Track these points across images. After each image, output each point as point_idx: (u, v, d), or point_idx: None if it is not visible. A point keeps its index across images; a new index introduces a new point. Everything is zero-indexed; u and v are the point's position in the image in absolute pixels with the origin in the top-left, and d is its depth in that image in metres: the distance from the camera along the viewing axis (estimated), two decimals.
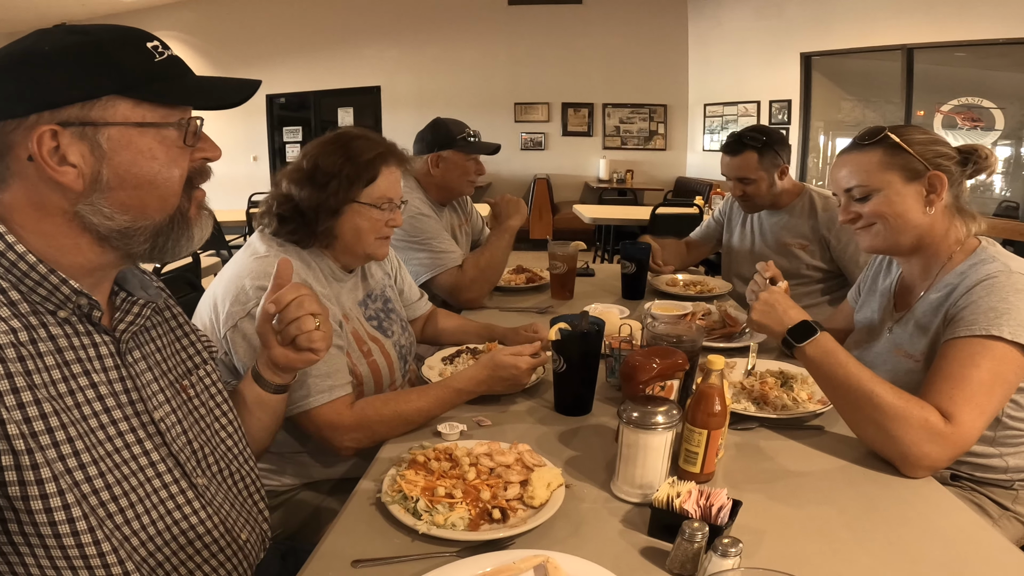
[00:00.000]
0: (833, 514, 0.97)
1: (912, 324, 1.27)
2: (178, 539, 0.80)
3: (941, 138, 1.26)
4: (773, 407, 1.28)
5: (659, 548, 0.88)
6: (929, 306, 1.23)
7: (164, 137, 0.75)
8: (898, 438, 1.05)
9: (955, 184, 1.23)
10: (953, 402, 1.05)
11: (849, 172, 1.28)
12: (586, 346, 1.26)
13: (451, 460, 1.03)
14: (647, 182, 8.30)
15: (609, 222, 5.58)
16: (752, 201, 2.28)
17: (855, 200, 1.28)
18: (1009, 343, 1.07)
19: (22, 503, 0.65)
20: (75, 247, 0.74)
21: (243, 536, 0.90)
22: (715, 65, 7.87)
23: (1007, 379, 1.08)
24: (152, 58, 0.74)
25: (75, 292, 0.72)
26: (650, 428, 0.95)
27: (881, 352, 1.35)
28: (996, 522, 1.22)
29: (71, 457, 0.69)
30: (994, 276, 1.13)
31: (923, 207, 1.22)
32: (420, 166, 2.23)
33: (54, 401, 0.68)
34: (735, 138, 2.24)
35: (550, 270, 2.19)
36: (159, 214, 0.76)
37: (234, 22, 8.33)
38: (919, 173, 1.22)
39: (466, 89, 8.31)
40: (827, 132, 6.77)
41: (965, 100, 5.39)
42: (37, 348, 0.69)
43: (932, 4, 5.33)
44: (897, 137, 1.23)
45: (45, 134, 0.68)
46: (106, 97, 0.70)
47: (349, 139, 1.33)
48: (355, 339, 1.37)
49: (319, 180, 1.29)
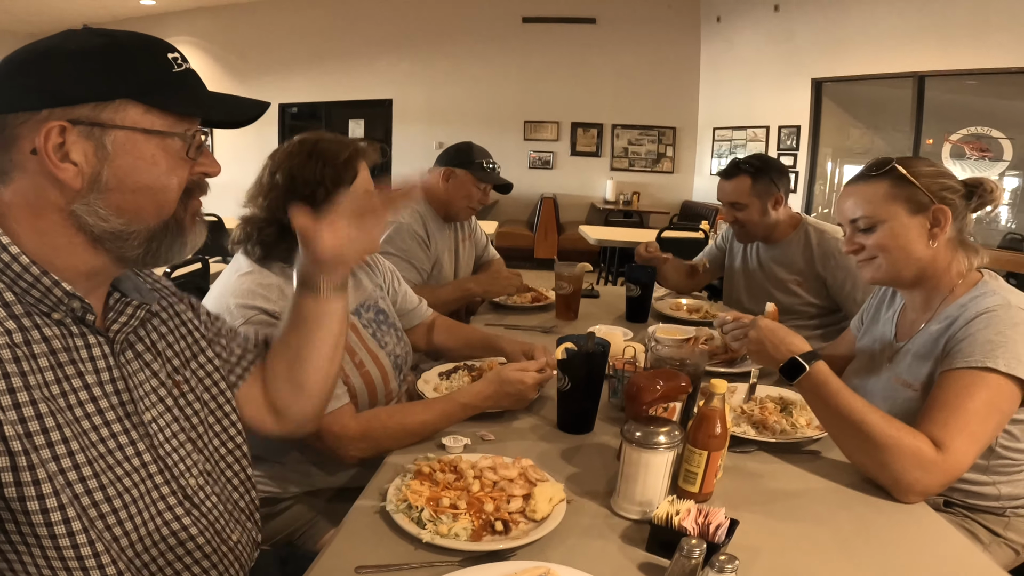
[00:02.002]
0: (827, 535, 0.99)
1: (912, 355, 1.29)
2: (167, 540, 0.80)
3: (947, 171, 1.28)
4: (772, 432, 1.30)
5: (656, 564, 0.90)
6: (929, 337, 1.25)
7: (168, 146, 0.76)
8: (889, 465, 1.07)
9: (959, 217, 1.25)
10: (946, 431, 1.08)
11: (855, 203, 1.30)
12: (591, 366, 1.29)
13: (456, 472, 1.05)
14: (653, 205, 8.33)
15: (614, 244, 5.60)
16: (745, 229, 2.26)
17: (860, 231, 1.30)
18: (1004, 375, 1.09)
19: (18, 504, 0.66)
20: (70, 247, 0.74)
21: (234, 537, 0.90)
22: (725, 89, 7.92)
23: (1001, 409, 1.11)
24: (170, 68, 0.76)
25: (67, 295, 0.73)
26: (652, 448, 0.98)
27: (880, 381, 1.37)
28: (987, 548, 1.24)
29: (65, 458, 0.69)
30: (993, 310, 1.15)
31: (927, 240, 1.24)
32: (432, 178, 2.27)
33: (49, 402, 0.69)
34: (732, 163, 2.25)
35: (556, 290, 2.21)
36: (154, 220, 0.77)
37: (250, 30, 8.44)
38: (924, 206, 1.23)
39: (477, 105, 8.39)
40: (835, 159, 6.79)
41: (974, 130, 5.41)
42: (32, 350, 0.69)
43: (944, 31, 5.35)
44: (904, 169, 1.25)
45: (53, 129, 0.69)
46: (119, 100, 0.72)
47: (315, 144, 1.28)
48: (347, 350, 1.36)
49: (302, 191, 1.23)
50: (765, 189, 2.18)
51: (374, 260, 1.64)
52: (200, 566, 0.84)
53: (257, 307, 1.21)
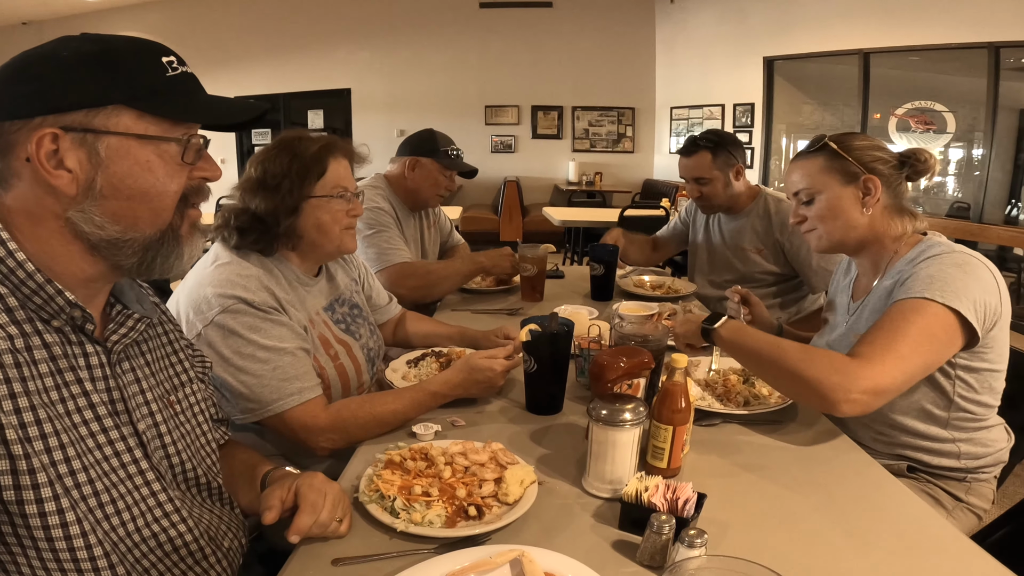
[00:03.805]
0: (792, 506, 1.02)
1: (868, 310, 1.36)
2: (163, 546, 0.81)
3: (880, 144, 1.36)
4: (736, 403, 1.33)
5: (629, 541, 0.91)
6: (882, 292, 1.31)
7: (163, 151, 0.75)
8: (809, 380, 1.11)
9: (892, 186, 1.33)
10: (871, 347, 1.13)
11: (798, 177, 1.39)
12: (556, 346, 1.29)
13: (426, 460, 1.05)
14: (615, 184, 8.41)
15: (578, 224, 5.65)
16: (709, 201, 2.34)
17: (802, 203, 1.40)
18: (941, 305, 1.14)
19: (16, 507, 0.66)
20: (67, 254, 0.74)
21: (226, 543, 0.92)
22: (681, 69, 8.03)
23: (935, 336, 1.14)
24: (164, 72, 0.74)
25: (69, 304, 0.73)
26: (619, 425, 0.99)
27: (840, 338, 1.43)
28: (950, 513, 1.29)
29: (63, 463, 0.70)
30: (937, 255, 1.22)
31: (860, 208, 1.33)
32: (397, 167, 2.26)
33: (47, 408, 0.69)
34: (690, 140, 2.31)
35: (520, 272, 2.22)
36: (150, 228, 0.76)
37: (200, 23, 8.17)
38: (855, 176, 1.32)
39: (437, 92, 8.32)
40: (789, 135, 6.95)
41: (919, 104, 5.59)
42: (32, 355, 0.70)
43: (888, 10, 5.51)
44: (836, 145, 1.34)
45: (46, 137, 0.69)
46: (112, 106, 0.71)
47: (292, 140, 1.35)
48: (321, 342, 1.38)
49: (270, 184, 1.30)
50: (726, 161, 2.26)
51: (350, 255, 1.64)
52: (194, 572, 0.86)
53: (236, 296, 1.21)
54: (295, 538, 0.85)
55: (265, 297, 1.24)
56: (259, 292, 1.24)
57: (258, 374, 1.19)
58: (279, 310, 1.26)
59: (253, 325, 1.20)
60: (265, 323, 1.22)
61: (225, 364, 1.19)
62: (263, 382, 1.19)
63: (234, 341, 1.19)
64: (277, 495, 0.90)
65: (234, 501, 0.99)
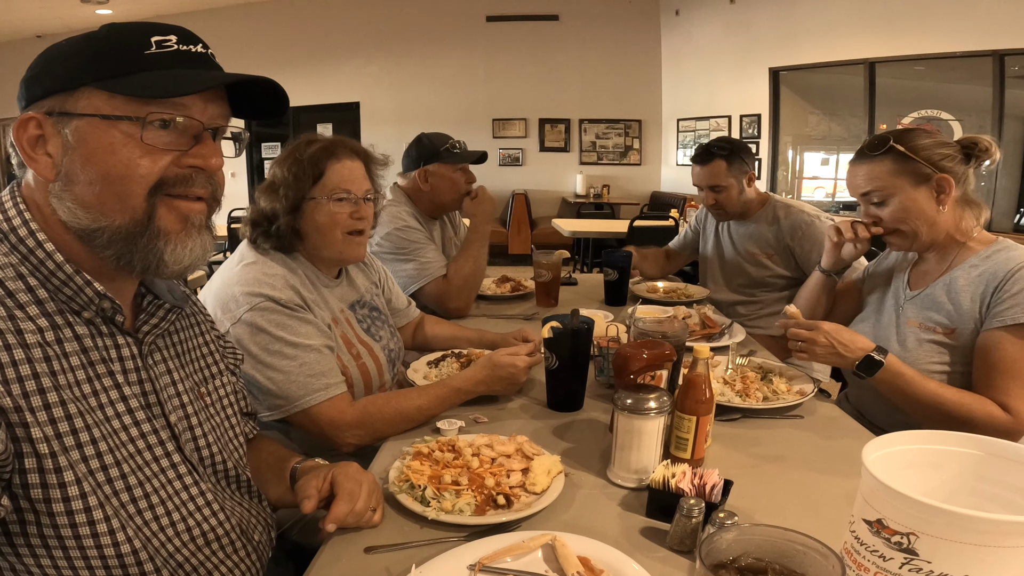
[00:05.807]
0: (816, 495, 1.02)
1: (931, 300, 1.37)
2: (196, 540, 0.81)
3: (943, 139, 1.36)
4: (755, 399, 1.34)
5: (657, 528, 0.92)
6: (950, 284, 1.33)
7: (128, 133, 0.70)
8: None
9: (961, 181, 1.34)
10: (1009, 396, 1.19)
11: (864, 180, 1.39)
12: (577, 342, 1.31)
13: (454, 451, 1.07)
14: (623, 196, 8.44)
15: (588, 235, 5.68)
16: (724, 208, 2.36)
17: (873, 204, 1.40)
18: None
19: (43, 505, 0.66)
20: (70, 244, 0.72)
21: (256, 537, 0.92)
22: (687, 81, 8.07)
23: None
24: (143, 49, 0.70)
25: (99, 295, 0.72)
26: (644, 414, 1.01)
27: (894, 325, 1.45)
28: None
29: (95, 458, 0.69)
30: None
31: (936, 207, 1.34)
32: (410, 182, 2.24)
33: (79, 402, 0.69)
34: (703, 149, 2.34)
35: (535, 278, 2.24)
36: (119, 216, 0.71)
37: (211, 37, 8.14)
38: (927, 177, 1.32)
39: (444, 105, 8.40)
40: (795, 146, 6.96)
41: (925, 112, 5.60)
42: (63, 348, 0.69)
43: (892, 19, 5.55)
44: (902, 146, 1.33)
45: (30, 121, 0.70)
46: (84, 88, 0.69)
47: (300, 144, 1.39)
48: (344, 342, 1.40)
49: (275, 186, 1.36)
50: (740, 168, 2.30)
51: (369, 260, 1.68)
52: (225, 565, 0.85)
53: (263, 294, 1.24)
54: (332, 527, 0.86)
55: (291, 295, 1.27)
56: (285, 290, 1.26)
57: (286, 370, 1.21)
58: (305, 308, 1.29)
59: (280, 322, 1.23)
60: (292, 320, 1.24)
61: (253, 361, 1.21)
62: (291, 378, 1.21)
63: (262, 338, 1.21)
64: (313, 484, 0.91)
65: (263, 495, 0.99)
